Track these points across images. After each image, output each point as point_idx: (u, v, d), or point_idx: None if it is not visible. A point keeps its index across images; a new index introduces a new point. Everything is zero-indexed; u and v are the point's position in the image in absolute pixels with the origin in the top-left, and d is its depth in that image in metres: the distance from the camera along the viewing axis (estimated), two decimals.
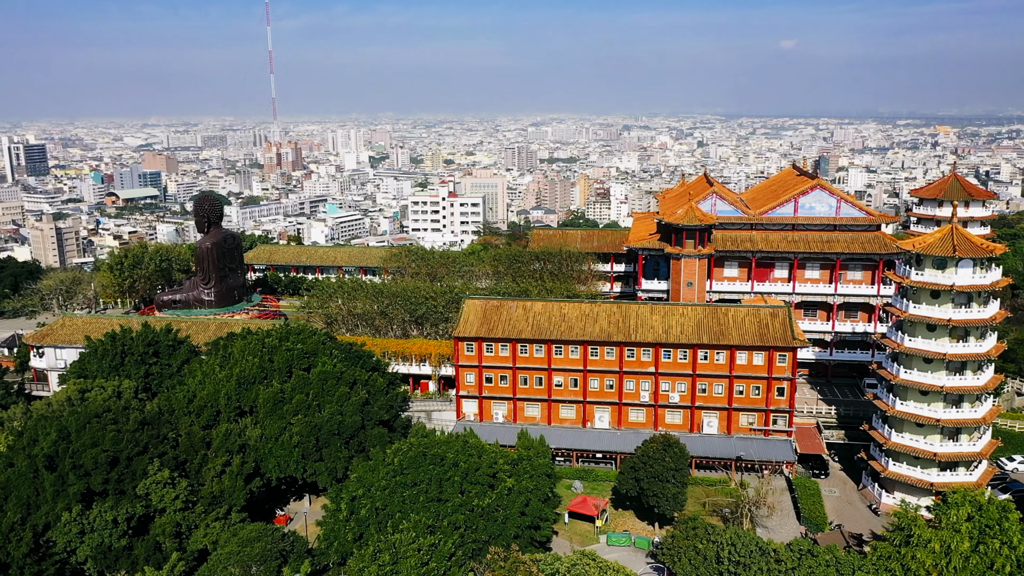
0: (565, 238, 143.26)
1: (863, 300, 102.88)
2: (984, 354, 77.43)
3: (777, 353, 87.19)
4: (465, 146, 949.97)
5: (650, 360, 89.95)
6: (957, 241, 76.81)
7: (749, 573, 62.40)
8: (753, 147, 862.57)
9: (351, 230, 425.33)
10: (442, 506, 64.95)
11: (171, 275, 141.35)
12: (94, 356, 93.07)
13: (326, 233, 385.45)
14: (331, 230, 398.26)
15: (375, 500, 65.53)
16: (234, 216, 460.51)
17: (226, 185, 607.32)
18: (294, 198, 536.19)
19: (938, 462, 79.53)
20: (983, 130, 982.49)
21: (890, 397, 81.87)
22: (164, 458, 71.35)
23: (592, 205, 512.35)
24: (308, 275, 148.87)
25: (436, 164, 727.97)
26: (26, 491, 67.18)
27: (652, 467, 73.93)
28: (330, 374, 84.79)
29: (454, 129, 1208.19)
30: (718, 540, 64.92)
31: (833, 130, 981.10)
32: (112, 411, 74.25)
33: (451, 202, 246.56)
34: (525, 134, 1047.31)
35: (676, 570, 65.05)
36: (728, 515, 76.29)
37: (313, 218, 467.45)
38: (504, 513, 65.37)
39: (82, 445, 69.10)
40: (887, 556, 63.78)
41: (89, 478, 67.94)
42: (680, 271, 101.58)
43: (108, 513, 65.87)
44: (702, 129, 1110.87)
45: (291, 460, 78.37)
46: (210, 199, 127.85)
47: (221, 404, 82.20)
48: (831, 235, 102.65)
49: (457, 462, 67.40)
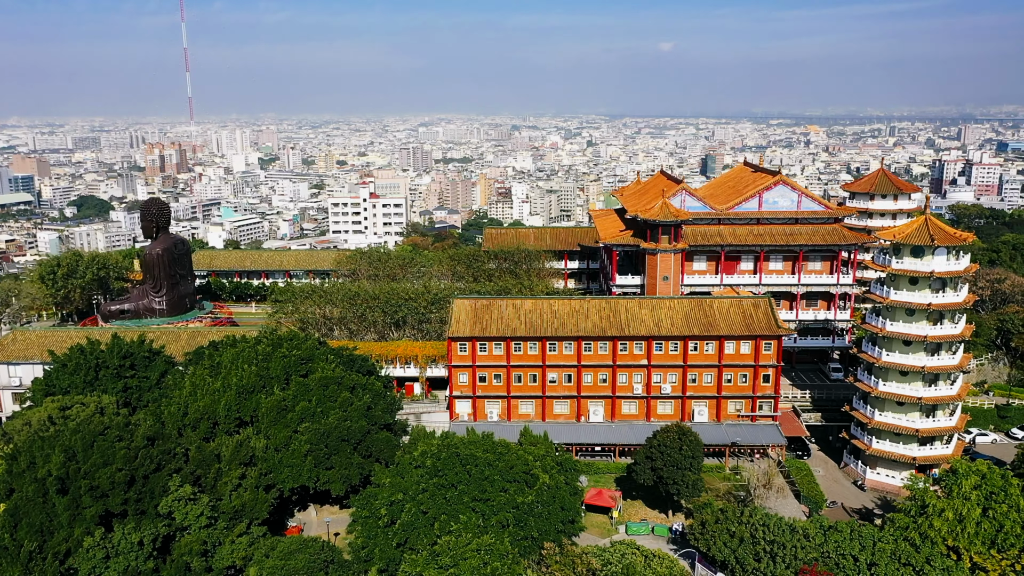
0: (518, 237, 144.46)
1: (823, 289, 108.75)
2: (958, 335, 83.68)
3: (763, 341, 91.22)
4: (356, 147, 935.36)
5: (642, 353, 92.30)
6: (933, 230, 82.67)
7: (785, 551, 65.37)
8: (640, 146, 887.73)
9: (250, 234, 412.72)
10: (486, 505, 64.87)
11: (108, 284, 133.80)
12: (63, 371, 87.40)
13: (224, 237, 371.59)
14: (229, 234, 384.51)
15: (419, 503, 64.71)
16: (123, 222, 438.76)
17: (107, 189, 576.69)
18: (184, 202, 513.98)
19: (918, 437, 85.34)
20: (848, 129, 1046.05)
21: (871, 379, 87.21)
22: (180, 474, 68.05)
23: (494, 205, 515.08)
24: (253, 280, 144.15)
25: (329, 165, 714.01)
26: (38, 517, 62.68)
27: (670, 456, 76.10)
28: (331, 379, 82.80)
29: (341, 129, 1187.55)
30: (750, 522, 67.67)
31: (713, 129, 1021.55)
32: (114, 428, 70.12)
33: (373, 203, 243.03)
34: (416, 134, 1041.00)
35: (713, 553, 67.30)
36: (744, 498, 79.37)
37: (208, 222, 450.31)
38: (547, 508, 65.91)
39: (92, 465, 65.07)
40: (904, 527, 68.18)
41: (106, 499, 64.08)
42: (656, 266, 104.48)
43: (133, 535, 62.30)
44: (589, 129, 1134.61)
45: (303, 469, 76.12)
46: (158, 203, 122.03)
47: (220, 415, 78.92)
48: (793, 228, 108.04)
49: (493, 462, 67.41)
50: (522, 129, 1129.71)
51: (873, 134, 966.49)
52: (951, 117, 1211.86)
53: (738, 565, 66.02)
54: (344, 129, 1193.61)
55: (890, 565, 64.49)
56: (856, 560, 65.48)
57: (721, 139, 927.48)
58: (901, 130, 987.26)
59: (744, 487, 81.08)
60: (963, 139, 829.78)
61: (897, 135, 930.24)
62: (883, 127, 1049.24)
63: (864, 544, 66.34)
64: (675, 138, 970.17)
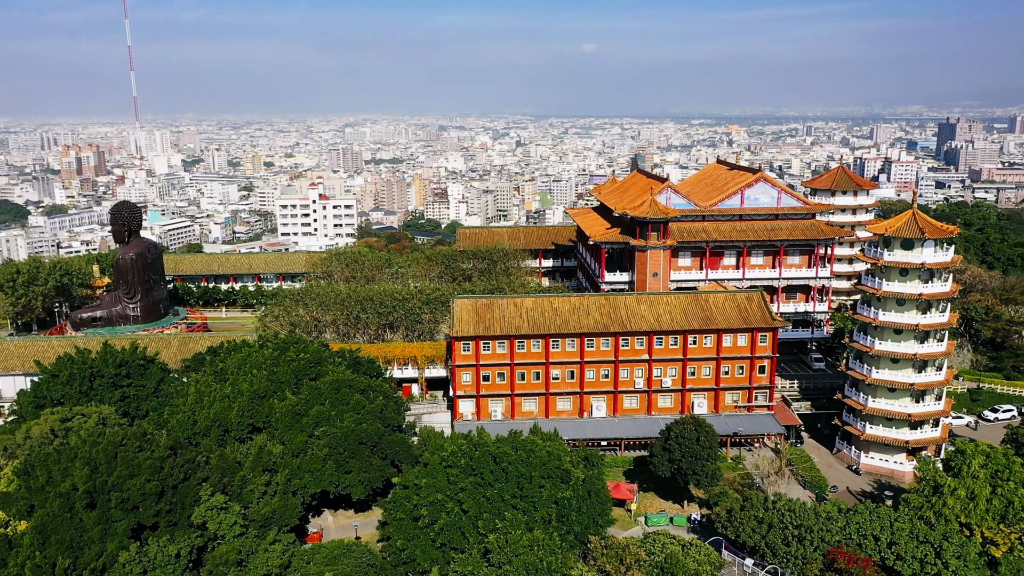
0: (492, 236, 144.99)
1: (803, 282, 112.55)
2: (946, 323, 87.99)
3: (759, 333, 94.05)
4: (281, 148, 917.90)
5: (643, 348, 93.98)
6: (922, 224, 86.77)
7: (812, 535, 67.81)
8: (569, 146, 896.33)
9: (181, 238, 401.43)
10: (526, 502, 65.23)
11: (71, 291, 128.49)
12: (55, 382, 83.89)
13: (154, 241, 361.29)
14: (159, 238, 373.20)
15: (462, 503, 64.61)
16: (45, 227, 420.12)
17: (23, 193, 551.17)
18: (107, 205, 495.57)
19: (910, 422, 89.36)
20: (767, 128, 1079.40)
21: (864, 367, 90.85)
22: (208, 482, 66.27)
23: (431, 205, 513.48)
24: (222, 284, 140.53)
25: (256, 167, 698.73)
26: (68, 532, 60.09)
27: (688, 447, 77.84)
28: (342, 382, 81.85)
29: (264, 130, 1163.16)
30: (776, 508, 69.89)
31: (639, 129, 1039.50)
32: (132, 438, 67.77)
33: (323, 204, 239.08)
34: (342, 135, 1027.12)
35: (743, 539, 69.24)
36: (751, 486, 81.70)
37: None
38: (583, 503, 66.68)
39: (118, 477, 62.79)
40: (918, 506, 71.46)
41: (137, 512, 61.96)
42: (646, 262, 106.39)
43: (170, 547, 60.38)
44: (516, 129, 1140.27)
45: (325, 474, 75.04)
46: (129, 206, 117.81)
47: (232, 422, 77.10)
48: (774, 224, 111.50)
49: (527, 459, 67.81)
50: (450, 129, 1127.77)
51: (791, 133, 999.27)
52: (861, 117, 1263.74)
53: (768, 550, 68.13)
54: (267, 130, 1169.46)
55: (909, 544, 67.57)
56: (877, 540, 68.43)
57: (647, 139, 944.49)
58: (817, 129, 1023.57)
59: (747, 476, 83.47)
60: (875, 138, 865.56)
61: (814, 134, 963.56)
62: (799, 127, 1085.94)
63: (883, 525, 69.35)
64: (602, 138, 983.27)
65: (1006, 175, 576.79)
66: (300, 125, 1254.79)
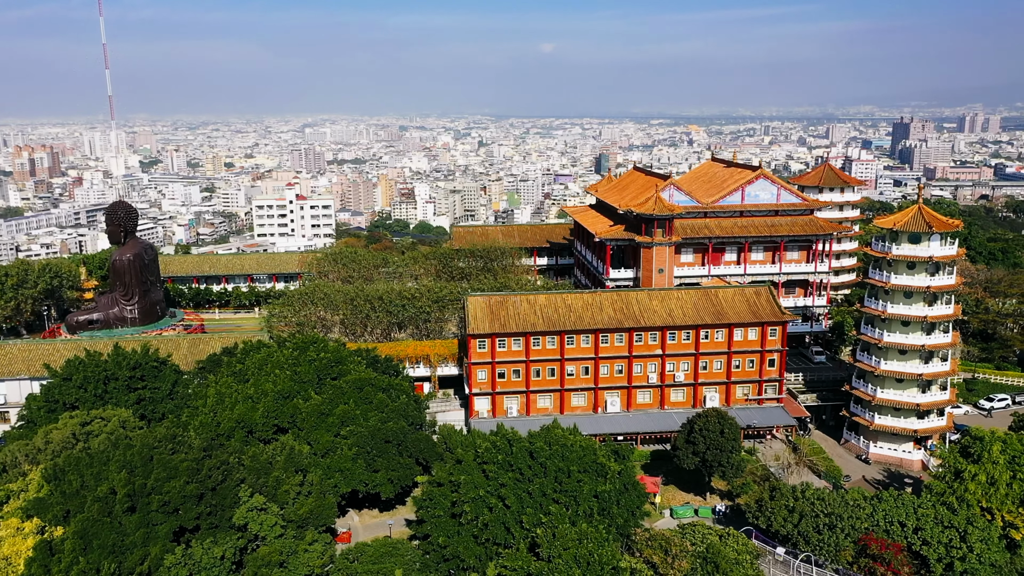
0: (486, 235, 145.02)
1: (801, 277, 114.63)
2: (951, 315, 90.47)
3: (769, 327, 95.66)
4: (240, 148, 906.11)
5: (657, 343, 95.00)
6: (929, 218, 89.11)
7: (843, 522, 69.28)
8: (532, 146, 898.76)
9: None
10: (567, 496, 65.56)
11: (60, 295, 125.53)
12: (67, 385, 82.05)
13: None
14: None
15: (504, 499, 64.72)
16: (2, 230, 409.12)
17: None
18: (66, 207, 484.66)
19: (917, 411, 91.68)
20: (725, 128, 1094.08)
21: (873, 359, 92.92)
22: (246, 483, 65.44)
23: (398, 206, 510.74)
24: (213, 286, 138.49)
25: (217, 168, 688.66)
26: (110, 537, 58.84)
27: (712, 439, 78.94)
28: (365, 381, 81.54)
29: (221, 131, 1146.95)
30: (806, 497, 71.25)
31: (600, 129, 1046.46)
32: (165, 441, 66.66)
33: (300, 205, 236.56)
34: (302, 135, 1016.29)
35: (775, 528, 70.43)
36: (770, 476, 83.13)
37: (96, 229, 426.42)
38: (624, 496, 67.27)
39: (157, 480, 61.70)
40: (941, 492, 73.41)
41: (178, 514, 60.96)
42: (652, 259, 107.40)
43: (215, 549, 59.55)
44: (477, 129, 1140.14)
45: (355, 473, 74.65)
46: (124, 206, 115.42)
47: (257, 423, 76.20)
48: (774, 220, 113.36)
49: (564, 453, 68.18)
50: (411, 130, 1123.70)
51: (749, 133, 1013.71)
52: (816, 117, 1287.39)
53: (800, 538, 69.42)
54: (224, 130, 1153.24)
55: (934, 529, 69.43)
56: (904, 526, 70.15)
57: (608, 138, 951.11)
58: (774, 129, 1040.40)
59: (763, 467, 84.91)
60: (831, 137, 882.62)
61: (771, 134, 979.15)
62: (757, 126, 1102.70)
63: (908, 511, 71.11)
64: (564, 138, 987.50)
65: (959, 173, 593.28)
66: (258, 125, 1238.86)
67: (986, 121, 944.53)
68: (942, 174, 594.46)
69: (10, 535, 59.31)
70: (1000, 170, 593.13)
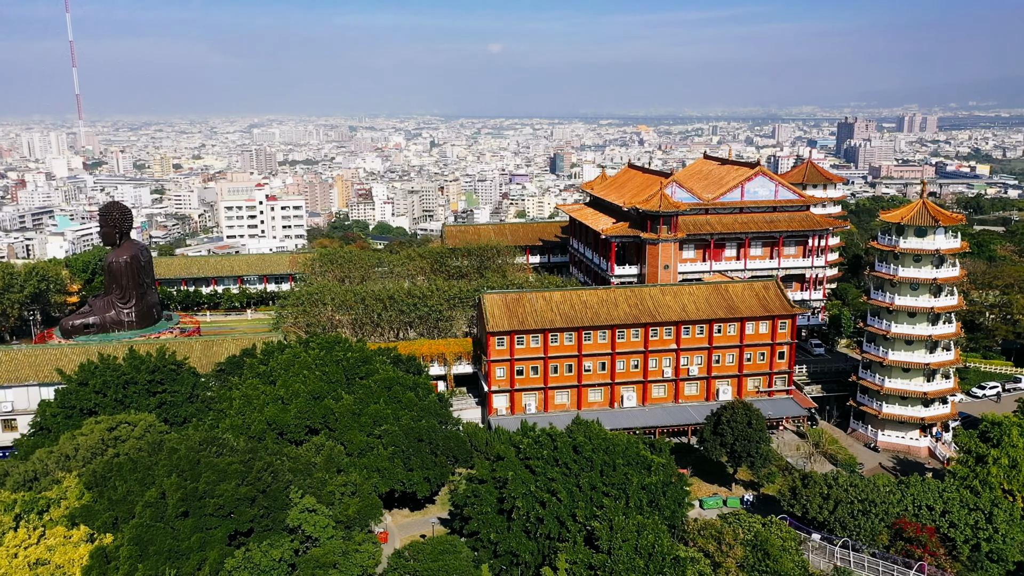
0: (478, 233, 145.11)
1: (798, 272, 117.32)
2: (956, 306, 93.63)
3: (779, 321, 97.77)
4: (187, 149, 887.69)
5: (671, 338, 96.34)
6: (934, 212, 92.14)
7: (877, 508, 71.30)
8: (484, 147, 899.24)
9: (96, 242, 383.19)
10: (615, 489, 66.12)
11: (47, 299, 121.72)
12: (85, 391, 79.74)
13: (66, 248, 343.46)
14: (72, 244, 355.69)
15: (556, 493, 65.02)
16: None
17: None
18: (9, 210, 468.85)
19: (923, 400, 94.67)
20: (674, 128, 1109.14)
21: (880, 350, 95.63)
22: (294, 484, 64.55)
23: (355, 206, 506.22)
24: (203, 288, 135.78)
25: (166, 169, 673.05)
26: (166, 542, 57.51)
27: (740, 431, 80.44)
28: (393, 380, 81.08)
29: (165, 131, 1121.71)
30: (842, 485, 73.12)
31: (552, 129, 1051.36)
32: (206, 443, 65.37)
33: (271, 205, 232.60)
34: (250, 136, 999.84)
35: (812, 515, 72.11)
36: (788, 466, 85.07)
37: (43, 232, 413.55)
38: (670, 488, 68.14)
39: (207, 483, 60.50)
40: (964, 476, 76.02)
41: (232, 518, 59.84)
42: (657, 255, 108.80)
43: (273, 551, 58.64)
44: (428, 129, 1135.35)
45: (394, 472, 74.20)
46: (119, 207, 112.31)
47: (290, 424, 75.15)
48: (773, 216, 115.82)
49: (607, 447, 68.82)
50: (360, 130, 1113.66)
51: (697, 133, 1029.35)
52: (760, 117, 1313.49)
53: (837, 524, 71.21)
54: (168, 131, 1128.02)
55: (961, 511, 72.00)
56: (932, 509, 72.56)
57: (560, 139, 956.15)
58: (721, 129, 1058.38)
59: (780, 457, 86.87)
60: (777, 137, 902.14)
61: (719, 134, 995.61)
62: (704, 127, 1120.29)
63: (934, 495, 73.54)
64: (515, 138, 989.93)
65: (903, 172, 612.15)
66: (203, 126, 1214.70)
67: (923, 121, 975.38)
68: (887, 172, 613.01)
69: (60, 543, 57.59)
70: (941, 168, 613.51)
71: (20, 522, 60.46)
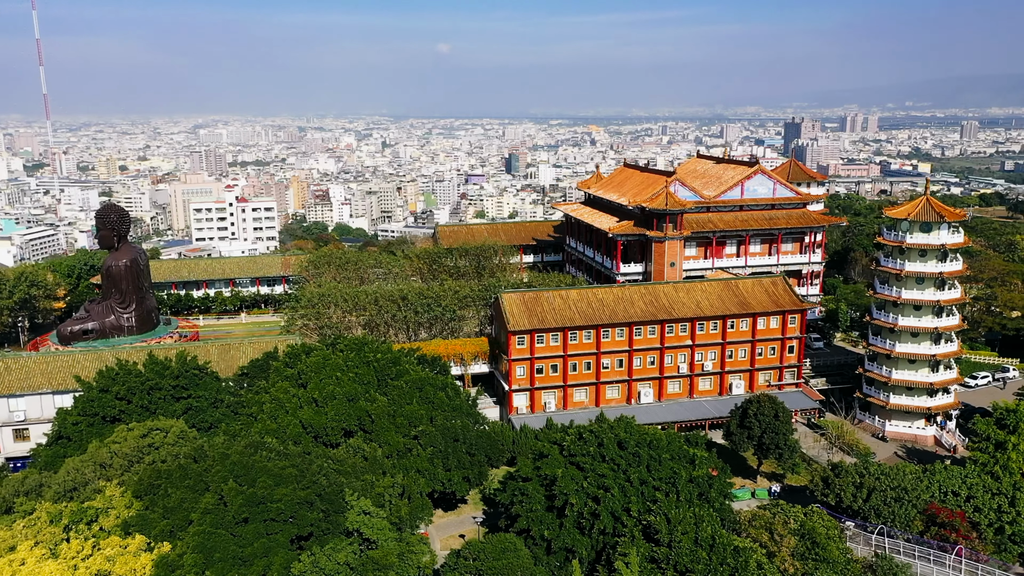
0: (472, 233, 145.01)
1: (796, 268, 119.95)
2: (959, 299, 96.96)
3: (789, 315, 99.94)
4: (131, 150, 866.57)
5: (686, 334, 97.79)
6: (939, 209, 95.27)
7: (909, 495, 73.51)
8: (437, 147, 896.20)
9: (45, 247, 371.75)
10: (665, 484, 66.93)
11: (35, 305, 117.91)
12: (107, 397, 77.62)
13: (14, 253, 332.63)
14: (20, 249, 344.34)
15: (609, 489, 65.54)
16: None
17: None
18: None
19: (928, 390, 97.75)
20: (623, 128, 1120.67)
21: (887, 342, 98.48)
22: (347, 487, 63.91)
23: (312, 208, 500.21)
24: (194, 292, 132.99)
25: (112, 170, 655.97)
26: (231, 549, 56.41)
27: (768, 423, 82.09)
28: (425, 380, 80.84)
29: (106, 132, 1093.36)
30: (873, 474, 75.17)
31: (503, 130, 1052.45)
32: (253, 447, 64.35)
33: (241, 207, 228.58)
34: (196, 137, 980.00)
35: (846, 504, 73.96)
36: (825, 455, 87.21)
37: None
38: (716, 481, 69.24)
39: (263, 487, 59.57)
40: (984, 463, 78.76)
41: (293, 522, 59.00)
42: (664, 253, 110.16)
43: (338, 555, 57.99)
44: (378, 130, 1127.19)
45: (436, 473, 73.94)
46: (117, 210, 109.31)
47: (328, 426, 74.32)
48: (772, 213, 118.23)
49: (652, 442, 69.64)
50: (309, 131, 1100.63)
51: (647, 133, 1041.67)
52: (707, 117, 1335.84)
53: (872, 512, 73.18)
54: (109, 132, 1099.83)
55: (984, 496, 74.67)
56: (957, 495, 75.07)
57: (512, 139, 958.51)
58: (670, 129, 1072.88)
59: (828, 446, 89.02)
60: (725, 137, 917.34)
61: (668, 134, 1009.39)
62: (653, 126, 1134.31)
63: (959, 482, 76.11)
64: (467, 138, 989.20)
65: (849, 171, 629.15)
66: (145, 127, 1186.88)
67: (865, 121, 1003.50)
68: (834, 171, 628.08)
69: (118, 553, 56.05)
70: (886, 167, 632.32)
71: (69, 533, 58.83)
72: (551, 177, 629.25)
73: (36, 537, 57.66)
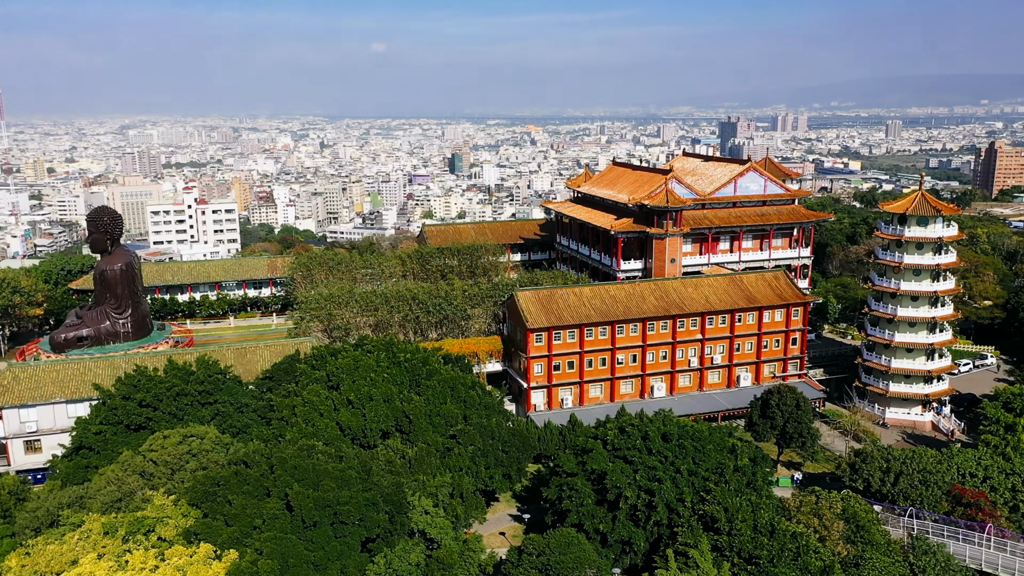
0: (459, 233, 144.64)
1: (786, 262, 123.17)
2: (954, 289, 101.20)
3: (793, 308, 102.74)
4: (56, 151, 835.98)
5: (697, 328, 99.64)
6: (934, 204, 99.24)
7: (933, 476, 76.50)
8: (376, 147, 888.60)
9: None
10: (715, 474, 68.26)
11: (15, 312, 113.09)
12: (130, 404, 75.15)
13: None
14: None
15: (662, 482, 66.47)
16: None
17: None
18: None
19: (925, 377, 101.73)
20: (561, 128, 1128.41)
21: (886, 332, 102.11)
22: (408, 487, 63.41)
23: (256, 209, 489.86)
24: (179, 296, 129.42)
25: (40, 173, 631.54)
26: (306, 555, 55.38)
27: (790, 413, 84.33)
28: (456, 379, 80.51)
29: (27, 133, 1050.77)
30: (899, 458, 77.97)
31: (443, 130, 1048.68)
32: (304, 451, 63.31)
33: (201, 209, 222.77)
34: (124, 137, 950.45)
35: (874, 488, 76.48)
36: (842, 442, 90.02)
37: None
38: (759, 469, 70.89)
39: (326, 490, 58.69)
40: (995, 445, 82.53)
41: (362, 524, 58.26)
42: (664, 249, 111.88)
43: (410, 555, 57.53)
44: (314, 131, 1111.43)
45: (480, 472, 73.75)
46: (109, 212, 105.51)
47: (369, 428, 73.44)
48: (763, 209, 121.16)
49: (695, 434, 70.93)
50: (243, 131, 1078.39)
51: (585, 133, 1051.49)
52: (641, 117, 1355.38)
53: (900, 495, 75.91)
54: (30, 133, 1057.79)
55: (999, 476, 78.22)
56: (974, 476, 78.48)
57: (452, 139, 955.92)
58: (608, 129, 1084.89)
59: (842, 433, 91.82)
60: (662, 136, 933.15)
61: (607, 133, 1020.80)
62: (590, 126, 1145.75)
63: (974, 463, 79.55)
64: (406, 139, 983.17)
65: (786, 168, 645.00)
66: (69, 127, 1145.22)
67: (795, 120, 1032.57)
68: None
69: (187, 563, 54.44)
70: (819, 165, 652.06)
71: (128, 543, 56.91)
72: (496, 177, 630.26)
73: (95, 549, 55.68)
